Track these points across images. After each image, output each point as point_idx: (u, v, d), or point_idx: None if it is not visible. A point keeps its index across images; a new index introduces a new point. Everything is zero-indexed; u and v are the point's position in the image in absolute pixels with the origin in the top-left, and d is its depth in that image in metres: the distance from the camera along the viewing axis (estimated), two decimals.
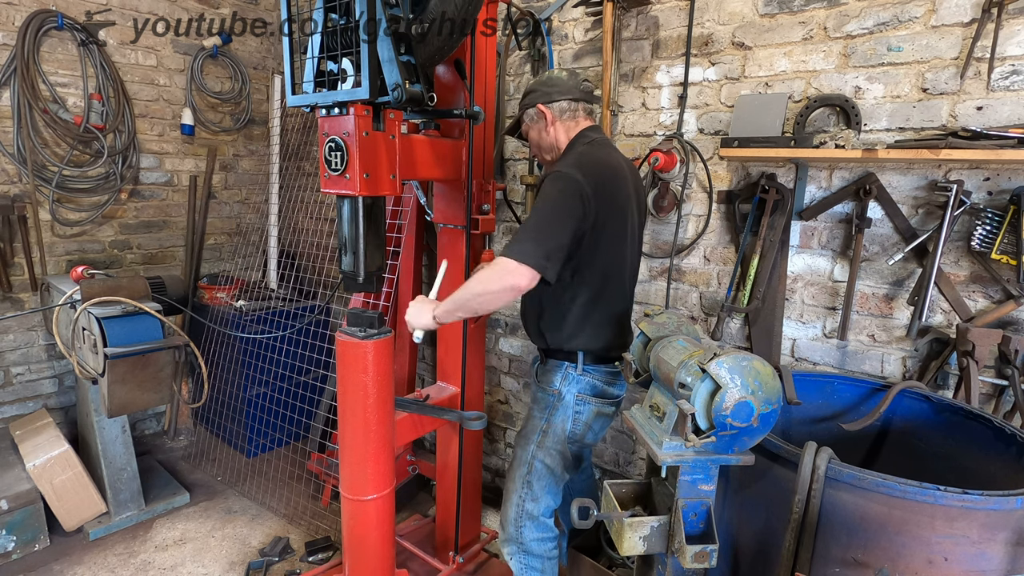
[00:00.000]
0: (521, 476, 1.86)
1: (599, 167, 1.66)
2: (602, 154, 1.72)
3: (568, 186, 1.57)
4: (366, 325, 1.79)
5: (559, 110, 1.79)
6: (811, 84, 1.96)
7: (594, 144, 1.75)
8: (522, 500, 1.86)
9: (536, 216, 1.57)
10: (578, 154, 1.70)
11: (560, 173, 1.60)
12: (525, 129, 1.90)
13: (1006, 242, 1.65)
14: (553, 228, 1.54)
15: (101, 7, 3.14)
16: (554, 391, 1.82)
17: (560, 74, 1.82)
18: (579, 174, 1.59)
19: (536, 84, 1.83)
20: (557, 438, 1.82)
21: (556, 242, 1.54)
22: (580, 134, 1.80)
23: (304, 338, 3.35)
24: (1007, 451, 1.48)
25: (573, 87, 1.79)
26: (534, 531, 1.86)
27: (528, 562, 1.88)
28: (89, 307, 2.38)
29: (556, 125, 1.81)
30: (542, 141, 1.86)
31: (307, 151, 3.85)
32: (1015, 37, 1.62)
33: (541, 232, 1.54)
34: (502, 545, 1.92)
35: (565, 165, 1.62)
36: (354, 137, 1.55)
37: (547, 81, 1.81)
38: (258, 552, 2.63)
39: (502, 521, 1.92)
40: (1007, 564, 1.22)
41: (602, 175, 1.65)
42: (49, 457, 2.64)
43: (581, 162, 1.64)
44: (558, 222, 1.55)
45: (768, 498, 1.44)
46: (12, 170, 2.96)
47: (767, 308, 2.12)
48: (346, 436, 1.85)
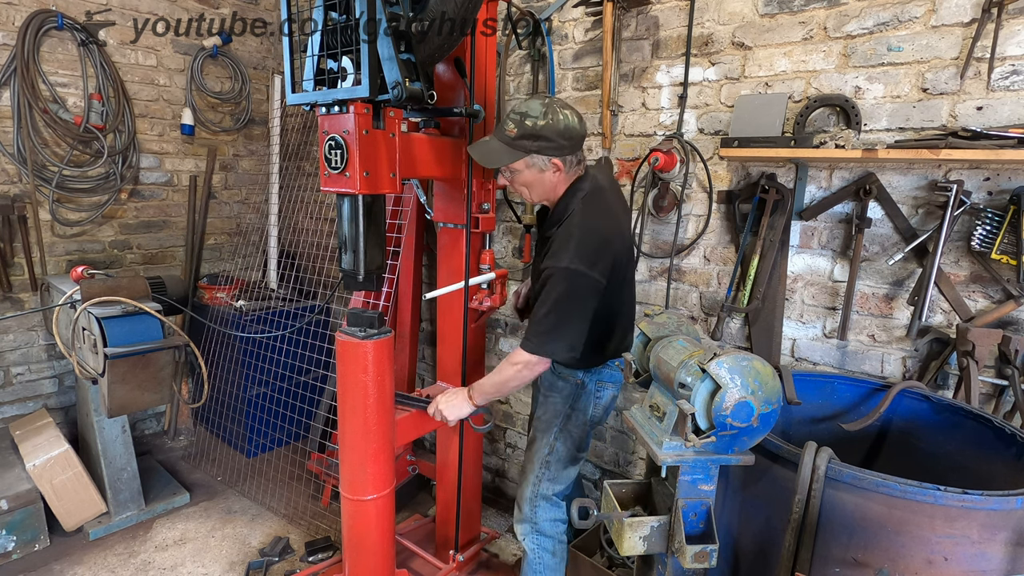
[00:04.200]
0: (541, 458, 1.93)
1: (602, 240, 1.67)
2: (600, 215, 1.72)
3: (583, 285, 1.63)
4: (366, 325, 1.79)
5: (570, 163, 1.74)
6: (811, 84, 1.96)
7: (588, 198, 1.73)
8: (539, 480, 1.93)
9: (555, 315, 1.65)
10: (579, 227, 1.66)
11: (571, 272, 1.61)
12: (519, 166, 1.73)
13: (1006, 242, 1.65)
14: (573, 323, 1.66)
15: (101, 7, 3.14)
16: (577, 381, 1.89)
17: (573, 121, 1.69)
18: (587, 267, 1.62)
19: (550, 131, 1.65)
20: (579, 422, 1.91)
21: (578, 331, 1.67)
22: (573, 186, 1.77)
23: (304, 338, 3.35)
24: (1007, 451, 1.48)
25: (583, 135, 1.73)
26: (548, 511, 1.94)
27: (540, 542, 1.95)
28: (89, 307, 2.38)
29: (561, 176, 1.75)
30: (538, 185, 1.76)
31: (307, 151, 3.85)
32: (1015, 37, 1.62)
33: (561, 328, 1.66)
34: (516, 525, 2.00)
35: (571, 255, 1.62)
36: (354, 135, 1.55)
37: (564, 132, 1.66)
38: (258, 552, 2.63)
39: (518, 501, 2.00)
40: (1007, 564, 1.22)
41: (607, 249, 1.68)
42: (49, 457, 2.64)
43: (585, 244, 1.63)
44: (578, 317, 1.66)
45: (768, 498, 1.44)
46: (12, 170, 2.96)
47: (767, 308, 2.12)
48: (346, 436, 1.85)
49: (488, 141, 1.76)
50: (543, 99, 1.70)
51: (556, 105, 1.69)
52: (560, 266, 1.62)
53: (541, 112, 1.66)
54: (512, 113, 1.71)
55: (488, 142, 1.75)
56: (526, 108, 1.68)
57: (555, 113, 1.66)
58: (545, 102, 1.68)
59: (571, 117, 1.69)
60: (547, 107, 1.67)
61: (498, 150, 1.72)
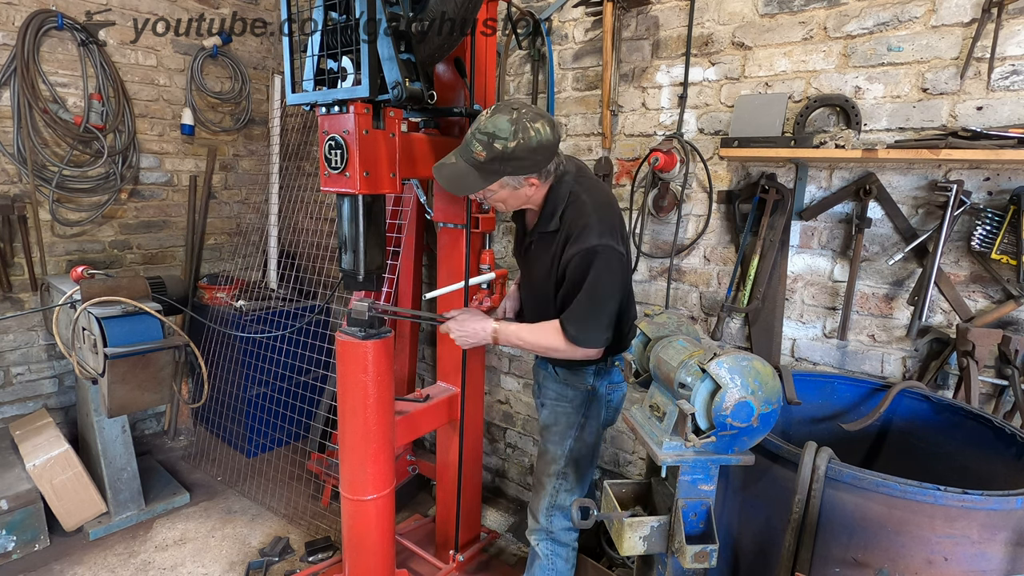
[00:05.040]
0: (558, 470, 1.90)
1: (615, 213, 1.70)
2: (599, 188, 1.73)
3: (615, 260, 1.62)
4: (366, 325, 1.79)
5: (546, 174, 1.64)
6: (811, 84, 1.96)
7: (580, 180, 1.70)
8: (556, 492, 1.91)
9: (595, 299, 1.63)
10: (591, 205, 1.64)
11: (602, 249, 1.58)
12: (492, 187, 1.63)
13: (1006, 242, 1.65)
14: (609, 305, 1.66)
15: (101, 7, 3.14)
16: (588, 387, 1.86)
17: (546, 133, 1.53)
18: (615, 242, 1.61)
19: (522, 150, 1.51)
20: (593, 429, 1.89)
21: (612, 313, 1.68)
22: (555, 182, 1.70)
23: (304, 338, 3.35)
24: (1007, 451, 1.47)
25: (557, 142, 1.59)
26: (563, 521, 1.92)
27: (555, 549, 1.94)
28: (89, 307, 2.38)
29: (538, 186, 1.66)
30: (513, 199, 1.69)
31: (307, 151, 3.85)
32: (1015, 37, 1.62)
33: (601, 313, 1.65)
34: (530, 534, 1.98)
35: (596, 233, 1.59)
36: (354, 135, 1.55)
37: (538, 148, 1.53)
38: (258, 552, 2.63)
39: (532, 512, 1.97)
40: (1007, 564, 1.22)
41: (621, 222, 1.70)
42: (49, 457, 2.64)
43: (604, 219, 1.62)
44: (614, 298, 1.67)
45: (768, 498, 1.44)
46: (12, 170, 2.96)
47: (767, 308, 2.12)
48: (346, 436, 1.85)
49: (455, 163, 1.59)
50: (510, 113, 1.51)
51: (526, 119, 1.51)
52: (588, 246, 1.57)
53: (511, 131, 1.49)
54: (478, 133, 1.52)
55: (455, 164, 1.59)
56: (493, 127, 1.50)
57: (526, 130, 1.50)
58: (513, 117, 1.51)
59: (543, 129, 1.53)
60: (516, 123, 1.50)
61: (467, 175, 1.57)
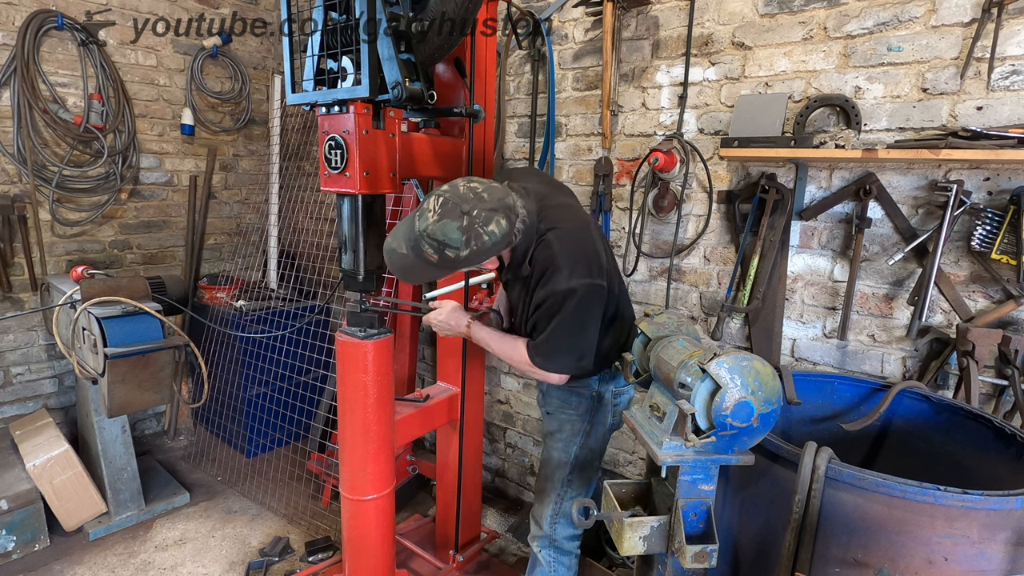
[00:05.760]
0: (563, 477, 1.87)
1: (585, 244, 1.57)
2: (565, 221, 1.58)
3: (589, 297, 1.53)
4: (366, 325, 1.79)
5: (510, 244, 1.51)
6: (811, 84, 1.96)
7: (545, 219, 1.56)
8: (561, 499, 1.89)
9: (560, 334, 1.55)
10: (558, 247, 1.53)
11: (572, 291, 1.50)
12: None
13: (1006, 242, 1.65)
14: (584, 335, 1.59)
15: (101, 7, 3.14)
16: (593, 393, 1.82)
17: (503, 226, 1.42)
18: (587, 276, 1.52)
19: (477, 256, 1.42)
20: (599, 434, 1.87)
21: (587, 342, 1.60)
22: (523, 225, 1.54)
23: (304, 338, 3.34)
24: (1007, 451, 1.47)
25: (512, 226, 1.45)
26: (567, 529, 1.90)
27: (557, 557, 1.93)
28: (89, 307, 2.38)
29: (505, 253, 1.58)
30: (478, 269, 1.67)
31: (307, 151, 3.85)
32: (1015, 37, 1.62)
33: (568, 344, 1.58)
34: (532, 540, 1.97)
35: (566, 274, 1.50)
36: (354, 135, 1.55)
37: (494, 247, 1.43)
38: (258, 552, 2.63)
39: (535, 518, 1.95)
40: (1007, 564, 1.22)
41: (593, 249, 1.57)
42: (49, 457, 2.64)
43: (571, 257, 1.52)
44: (588, 329, 1.59)
45: (768, 498, 1.44)
46: (12, 170, 2.96)
47: (767, 308, 2.12)
48: (346, 436, 1.85)
49: (405, 255, 1.44)
50: (460, 219, 1.37)
51: (478, 224, 1.38)
52: (560, 289, 1.50)
53: (461, 241, 1.37)
54: (427, 237, 1.38)
55: (404, 256, 1.45)
56: (443, 235, 1.37)
57: (479, 237, 1.38)
58: (463, 225, 1.37)
59: (498, 230, 1.40)
60: (467, 231, 1.37)
61: (419, 268, 1.47)
